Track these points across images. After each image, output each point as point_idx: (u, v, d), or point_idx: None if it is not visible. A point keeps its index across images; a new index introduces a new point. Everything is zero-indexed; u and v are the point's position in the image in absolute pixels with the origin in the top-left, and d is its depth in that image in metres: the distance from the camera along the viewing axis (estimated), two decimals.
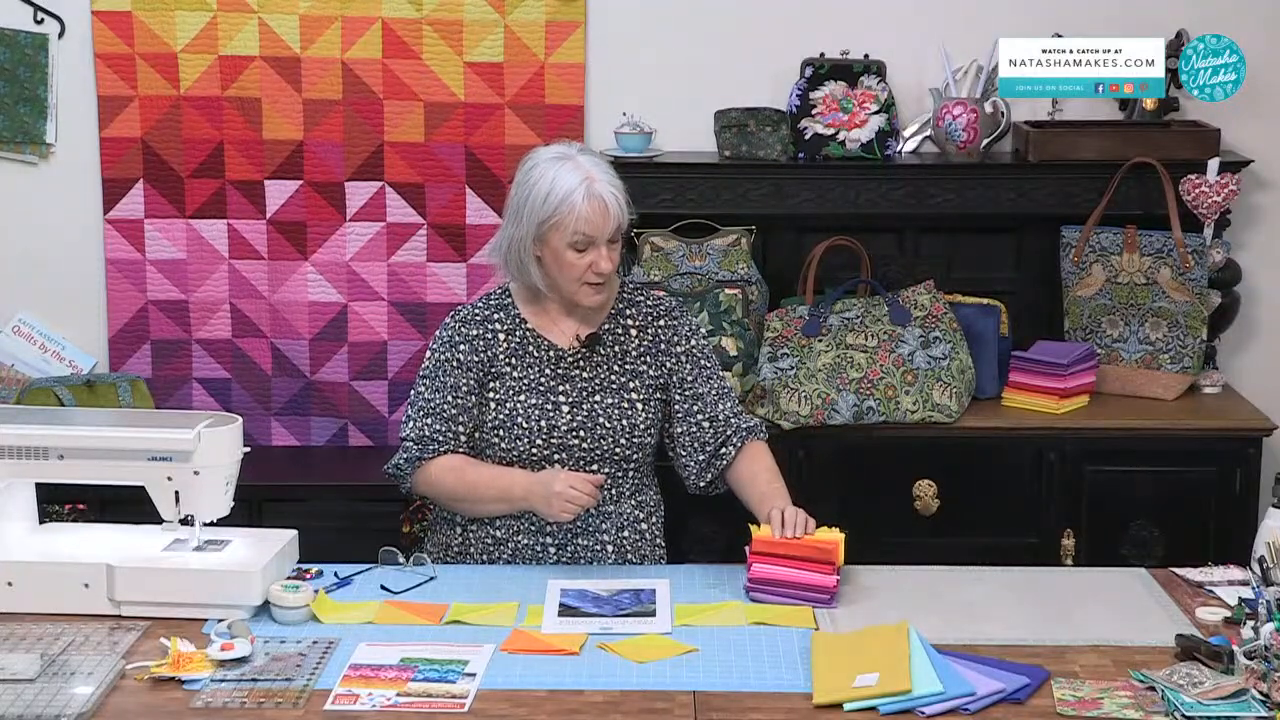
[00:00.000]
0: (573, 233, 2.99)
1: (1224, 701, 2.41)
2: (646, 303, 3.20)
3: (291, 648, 2.64)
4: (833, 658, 2.58)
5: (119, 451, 2.83)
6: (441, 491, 3.11)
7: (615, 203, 3.01)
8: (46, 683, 2.47)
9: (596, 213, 2.99)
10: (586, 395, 3.10)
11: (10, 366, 4.41)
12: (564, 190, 2.99)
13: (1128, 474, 4.05)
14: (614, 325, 3.16)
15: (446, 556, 3.17)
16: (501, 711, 2.44)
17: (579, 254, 3.02)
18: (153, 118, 4.36)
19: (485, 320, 3.14)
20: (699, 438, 3.14)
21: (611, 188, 3.02)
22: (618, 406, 3.11)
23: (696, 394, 3.15)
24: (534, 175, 3.04)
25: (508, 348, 3.12)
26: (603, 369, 3.13)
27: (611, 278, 3.09)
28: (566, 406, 3.09)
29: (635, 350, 3.15)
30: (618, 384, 3.12)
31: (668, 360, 3.15)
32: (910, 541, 3.93)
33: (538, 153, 3.11)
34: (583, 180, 2.99)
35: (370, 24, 4.32)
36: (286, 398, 4.51)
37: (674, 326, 3.17)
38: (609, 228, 3.01)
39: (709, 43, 4.37)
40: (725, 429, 3.14)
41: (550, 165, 3.03)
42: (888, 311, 4.08)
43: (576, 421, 3.08)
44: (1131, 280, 4.20)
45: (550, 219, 3.00)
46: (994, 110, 4.29)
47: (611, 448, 3.10)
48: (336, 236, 4.43)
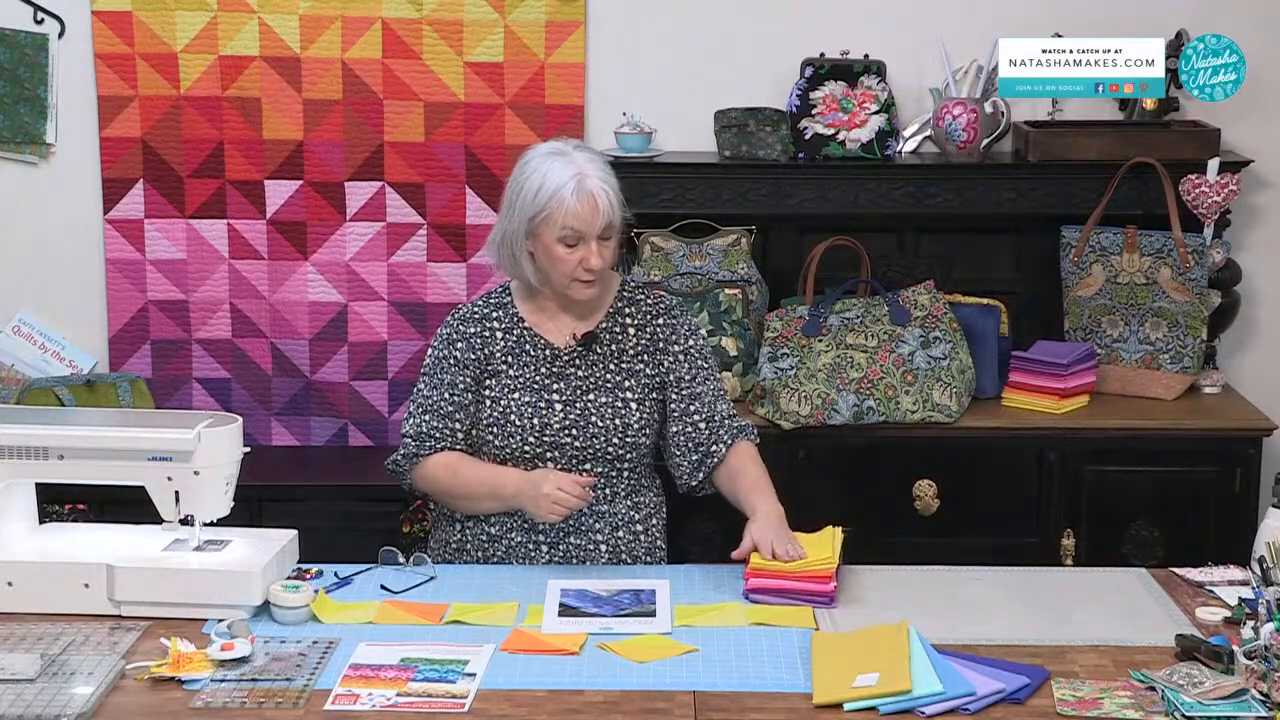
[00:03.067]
0: (561, 227, 3.00)
1: (1224, 701, 2.41)
2: (646, 301, 3.19)
3: (291, 648, 2.64)
4: (833, 658, 2.58)
5: (119, 451, 2.83)
6: (438, 488, 3.14)
7: (606, 199, 3.01)
8: (46, 683, 2.47)
9: (586, 208, 2.99)
10: (580, 394, 3.10)
11: (10, 366, 4.41)
12: (554, 185, 2.99)
13: (1128, 474, 4.05)
14: (612, 324, 3.16)
15: (446, 553, 3.18)
16: (501, 711, 2.44)
17: (569, 249, 3.02)
18: (153, 118, 4.36)
19: (483, 318, 3.15)
20: (694, 438, 3.14)
21: (603, 184, 3.01)
22: (611, 405, 3.10)
23: (693, 394, 3.14)
24: (528, 170, 3.06)
25: (504, 346, 3.12)
26: (598, 367, 3.13)
27: (606, 274, 3.09)
28: (560, 405, 3.09)
29: (633, 349, 3.15)
30: (613, 383, 3.12)
31: (665, 359, 3.15)
32: (910, 541, 3.93)
33: (535, 149, 3.13)
34: (574, 175, 3.00)
35: (370, 24, 4.32)
36: (286, 398, 4.51)
37: (672, 325, 3.17)
38: (599, 224, 3.01)
39: (709, 43, 4.37)
40: (719, 429, 3.14)
41: (544, 160, 3.04)
42: (888, 311, 4.08)
43: (569, 420, 3.08)
44: (1131, 280, 4.20)
45: (540, 213, 3.01)
46: (994, 110, 4.29)
47: (604, 447, 3.10)
48: (336, 236, 4.43)
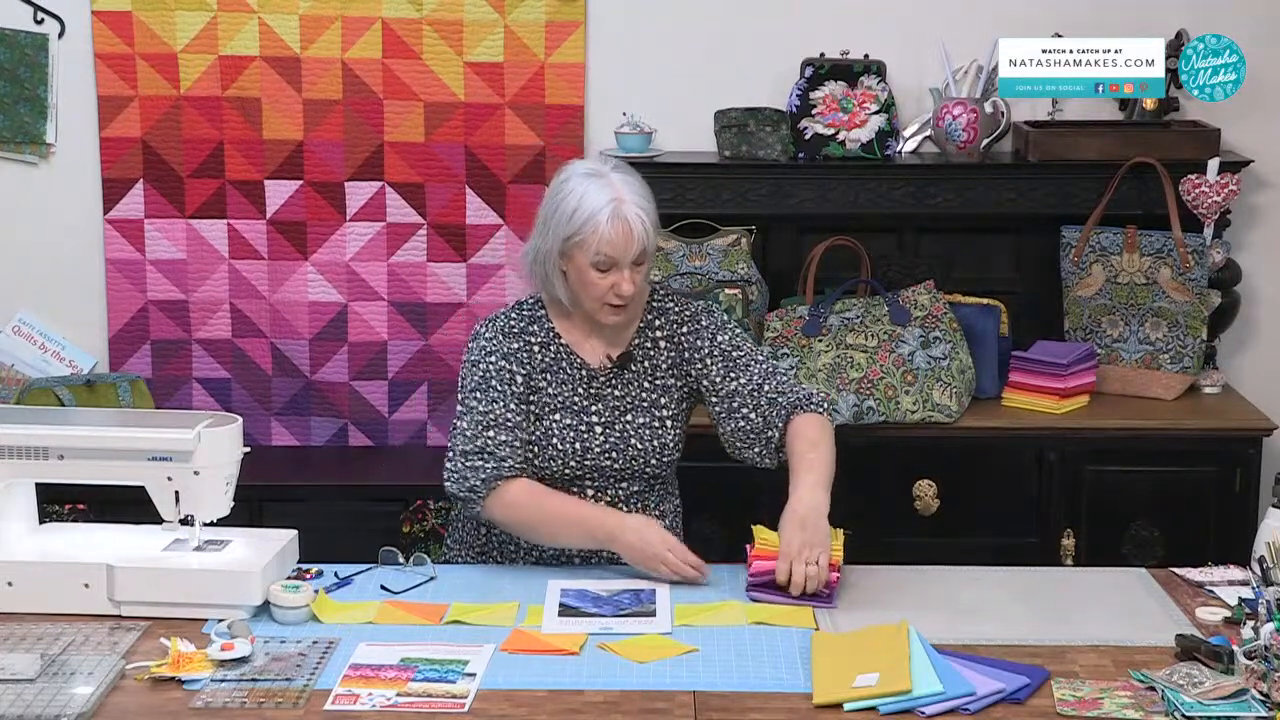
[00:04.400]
0: (595, 252, 2.95)
1: (1224, 701, 2.41)
2: (674, 310, 3.14)
3: (291, 648, 2.64)
4: (833, 658, 2.58)
5: (119, 451, 2.83)
6: (517, 518, 3.02)
7: (641, 225, 2.95)
8: (46, 683, 2.47)
9: (620, 235, 2.94)
10: (618, 415, 3.08)
11: (10, 366, 4.41)
12: (590, 209, 2.94)
13: (1128, 474, 4.05)
14: (643, 339, 3.12)
15: (469, 555, 3.16)
16: (501, 711, 2.44)
17: (602, 274, 2.97)
18: (153, 118, 4.36)
19: (521, 332, 3.08)
20: (748, 431, 3.08)
21: (639, 210, 2.96)
22: (649, 426, 3.08)
23: (730, 391, 3.09)
24: (565, 189, 2.99)
25: (543, 362, 3.07)
26: (634, 386, 3.10)
27: (635, 298, 3.03)
28: (600, 428, 3.06)
29: (665, 365, 3.11)
30: (648, 401, 3.10)
31: (692, 369, 3.11)
32: (910, 541, 3.93)
33: (573, 165, 3.06)
34: (611, 200, 2.94)
35: (370, 24, 4.32)
36: (286, 398, 4.51)
37: (697, 332, 3.12)
38: (633, 250, 2.96)
39: (709, 43, 4.37)
40: (769, 412, 3.08)
41: (581, 181, 2.98)
42: (888, 311, 4.08)
43: (609, 443, 3.06)
44: (1131, 280, 4.20)
45: (575, 236, 2.95)
46: (994, 110, 4.29)
47: (642, 468, 3.09)
48: (336, 236, 4.43)
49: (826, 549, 2.84)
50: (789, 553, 2.83)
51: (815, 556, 2.82)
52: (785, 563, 2.83)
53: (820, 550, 2.83)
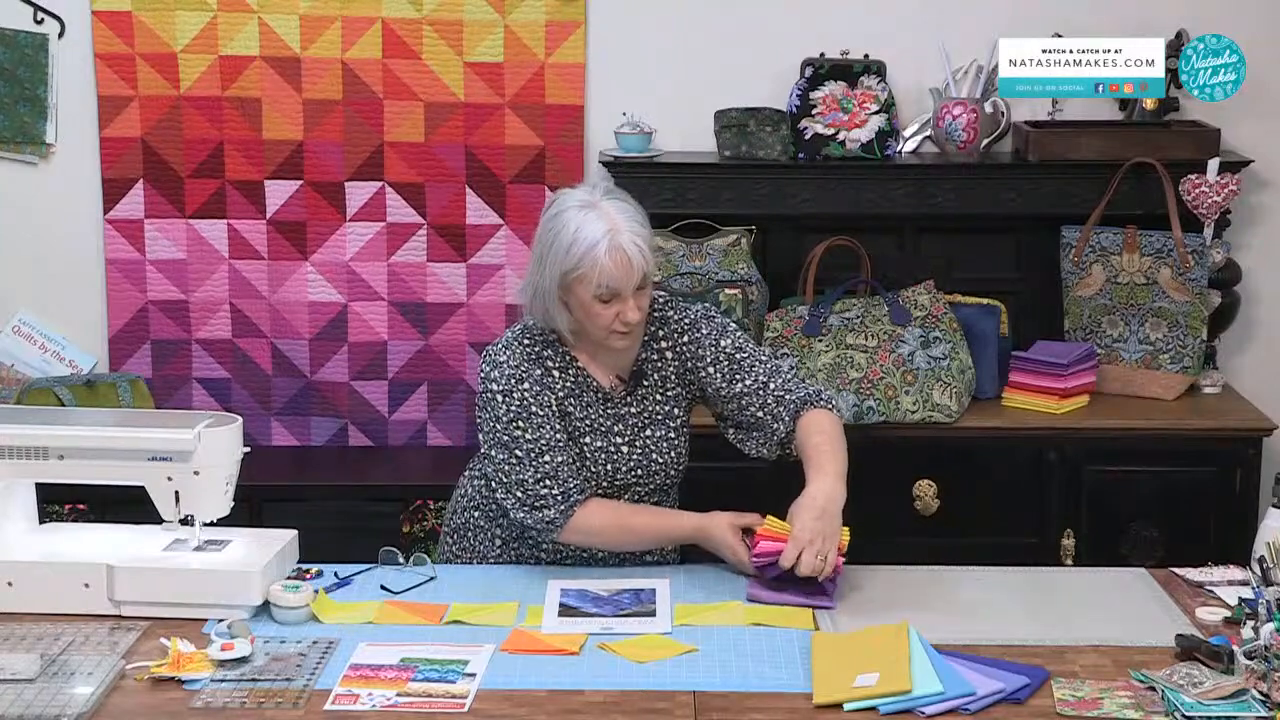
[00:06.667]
0: (597, 285, 2.91)
1: (1224, 701, 2.41)
2: (674, 317, 3.13)
3: (291, 648, 2.64)
4: (833, 658, 2.58)
5: (119, 451, 2.83)
6: (599, 542, 3.03)
7: (639, 253, 2.92)
8: (46, 683, 2.47)
9: (620, 266, 2.91)
10: (638, 431, 3.08)
11: (10, 366, 4.41)
12: (587, 242, 2.90)
13: (1128, 474, 4.05)
14: (649, 352, 3.11)
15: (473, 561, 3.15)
16: (501, 711, 2.44)
17: (605, 305, 2.94)
18: (153, 118, 4.36)
19: (538, 359, 3.03)
20: (753, 425, 3.10)
21: (635, 237, 2.92)
22: (667, 439, 3.09)
23: (735, 393, 3.09)
24: (558, 223, 2.95)
25: (564, 386, 3.05)
26: (648, 401, 3.10)
27: (639, 321, 3.02)
28: (625, 447, 3.06)
29: (673, 375, 3.11)
30: (663, 414, 3.10)
31: (696, 376, 3.11)
32: (910, 541, 3.92)
33: (563, 197, 3.01)
34: (607, 232, 2.90)
35: (370, 24, 4.32)
36: (286, 398, 4.51)
37: (699, 340, 3.11)
38: (634, 279, 2.93)
39: (709, 43, 4.37)
40: (778, 407, 3.07)
41: (576, 214, 2.94)
42: (888, 311, 4.08)
43: (634, 460, 3.07)
44: (1131, 280, 4.20)
45: (574, 271, 2.92)
46: (994, 110, 4.30)
47: (663, 481, 3.11)
48: (336, 236, 4.43)
49: (836, 543, 2.84)
50: (801, 539, 2.81)
51: (826, 550, 2.81)
52: (796, 548, 2.81)
53: (831, 543, 2.82)
